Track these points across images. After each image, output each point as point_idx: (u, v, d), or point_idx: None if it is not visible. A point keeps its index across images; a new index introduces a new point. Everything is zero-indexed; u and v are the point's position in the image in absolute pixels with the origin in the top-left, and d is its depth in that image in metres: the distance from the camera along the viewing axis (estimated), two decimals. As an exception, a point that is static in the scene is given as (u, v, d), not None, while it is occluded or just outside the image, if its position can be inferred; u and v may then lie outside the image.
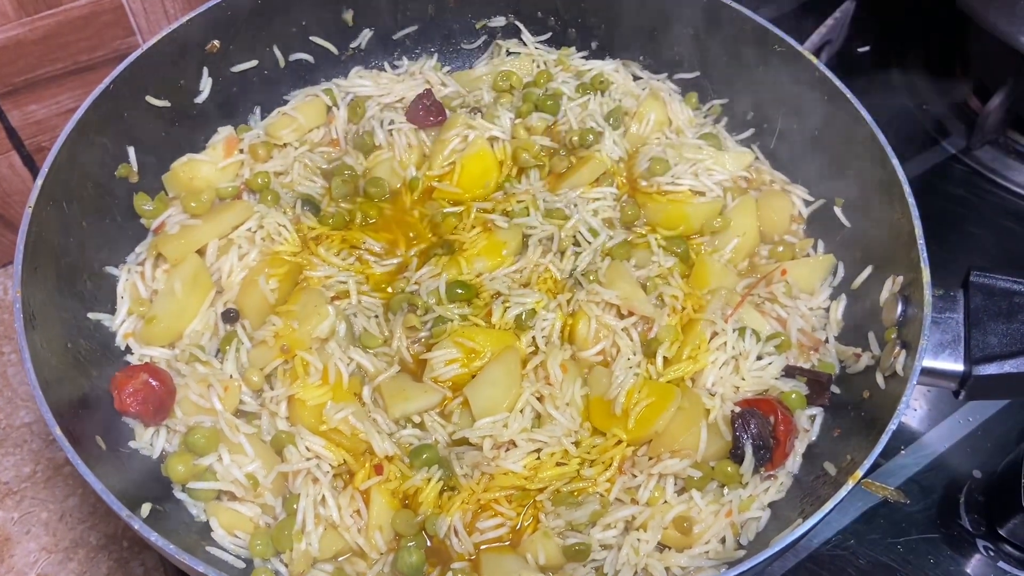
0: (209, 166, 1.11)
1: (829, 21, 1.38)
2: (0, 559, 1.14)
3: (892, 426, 0.81)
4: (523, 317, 1.00)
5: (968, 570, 1.07)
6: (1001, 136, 1.36)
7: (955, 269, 0.93)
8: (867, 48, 1.48)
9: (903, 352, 0.88)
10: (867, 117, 1.00)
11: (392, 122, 1.16)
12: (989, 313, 0.86)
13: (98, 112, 0.99)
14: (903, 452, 1.14)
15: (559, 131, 1.17)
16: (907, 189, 0.94)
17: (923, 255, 0.90)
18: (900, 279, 0.94)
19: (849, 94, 1.02)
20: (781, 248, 1.09)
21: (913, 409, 1.14)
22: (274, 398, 0.94)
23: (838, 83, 1.03)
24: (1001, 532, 1.08)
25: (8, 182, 1.28)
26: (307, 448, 0.91)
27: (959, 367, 0.86)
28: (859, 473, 0.79)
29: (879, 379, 0.91)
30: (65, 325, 0.92)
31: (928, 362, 0.85)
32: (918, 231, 0.91)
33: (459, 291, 1.02)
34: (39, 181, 0.91)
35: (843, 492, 0.78)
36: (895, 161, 0.96)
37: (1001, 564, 1.07)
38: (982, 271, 0.88)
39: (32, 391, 1.21)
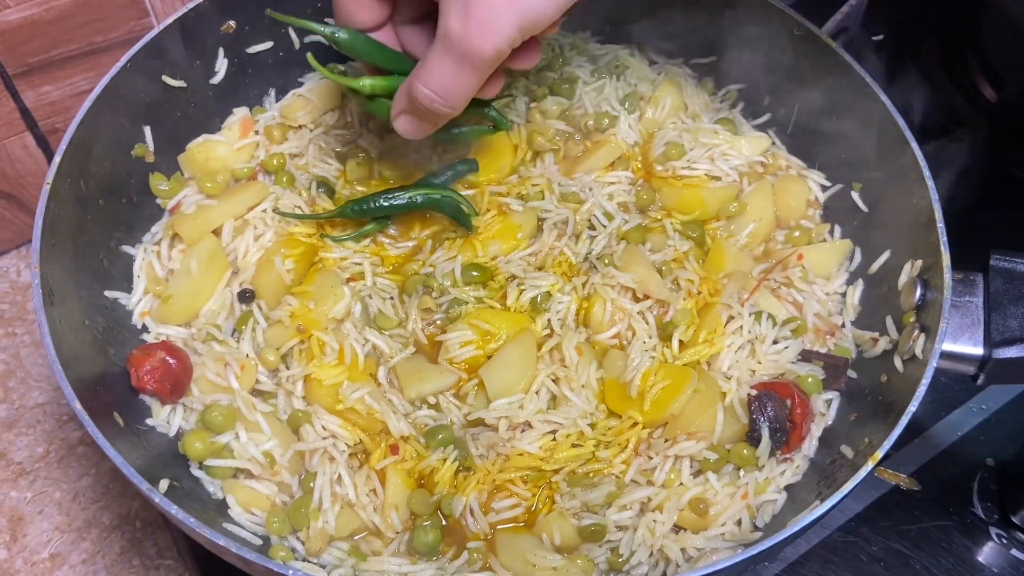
0: (225, 147, 1.11)
1: (844, 8, 1.37)
2: (14, 538, 1.15)
3: (912, 407, 0.81)
4: (538, 300, 1.00)
5: (980, 558, 1.07)
6: (1015, 124, 1.35)
7: (968, 256, 0.92)
8: (882, 36, 1.48)
9: (922, 336, 0.87)
10: (886, 101, 1.00)
11: (407, 105, 1.16)
12: (1009, 296, 0.86)
13: (115, 91, 0.99)
14: (916, 440, 1.14)
15: (574, 115, 1.16)
16: (927, 172, 0.94)
17: (943, 239, 0.89)
18: (919, 263, 0.94)
19: (868, 77, 1.01)
20: (797, 233, 1.08)
21: (923, 397, 1.15)
22: (290, 377, 0.94)
23: (856, 67, 1.03)
24: (1014, 520, 1.08)
25: (22, 163, 1.29)
26: (323, 427, 0.91)
27: (979, 351, 0.86)
28: (879, 455, 0.79)
29: (897, 363, 0.91)
30: (82, 303, 0.93)
31: (947, 346, 0.85)
32: (938, 215, 0.91)
33: (474, 273, 1.02)
34: (57, 158, 0.91)
35: (862, 474, 0.78)
36: (914, 144, 0.96)
37: (1014, 552, 1.07)
38: (1002, 255, 0.87)
39: (51, 368, 1.21)
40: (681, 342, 0.97)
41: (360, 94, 0.95)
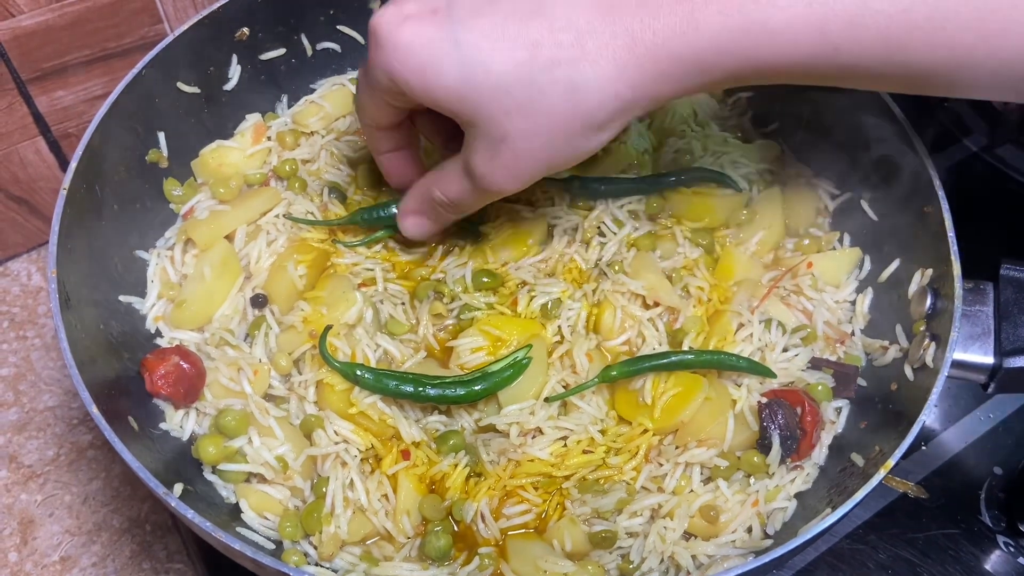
0: (237, 153, 1.11)
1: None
2: (24, 541, 1.15)
3: (924, 416, 0.81)
4: (549, 306, 1.01)
5: (988, 566, 1.07)
6: (1022, 135, 1.36)
7: (978, 265, 0.93)
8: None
9: (933, 344, 0.88)
10: (895, 109, 1.00)
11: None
12: (1020, 306, 0.86)
13: (130, 97, 0.99)
14: (923, 448, 1.14)
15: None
16: (937, 182, 0.94)
17: (953, 248, 0.90)
18: (929, 272, 0.94)
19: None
20: (807, 241, 1.09)
21: (934, 405, 1.15)
22: (302, 382, 0.95)
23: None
24: (1021, 528, 1.08)
25: (34, 167, 1.29)
26: (335, 432, 0.92)
27: (989, 360, 0.86)
28: (891, 463, 0.79)
29: (908, 371, 0.91)
30: (97, 307, 0.93)
31: (958, 355, 0.85)
32: (948, 224, 0.91)
33: (485, 279, 1.02)
34: (73, 163, 0.92)
35: (874, 481, 0.78)
36: (924, 153, 0.96)
37: (1021, 560, 1.07)
38: (1013, 264, 0.88)
39: (63, 372, 1.23)
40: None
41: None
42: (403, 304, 1.03)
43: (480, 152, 0.79)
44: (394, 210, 1.01)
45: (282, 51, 1.15)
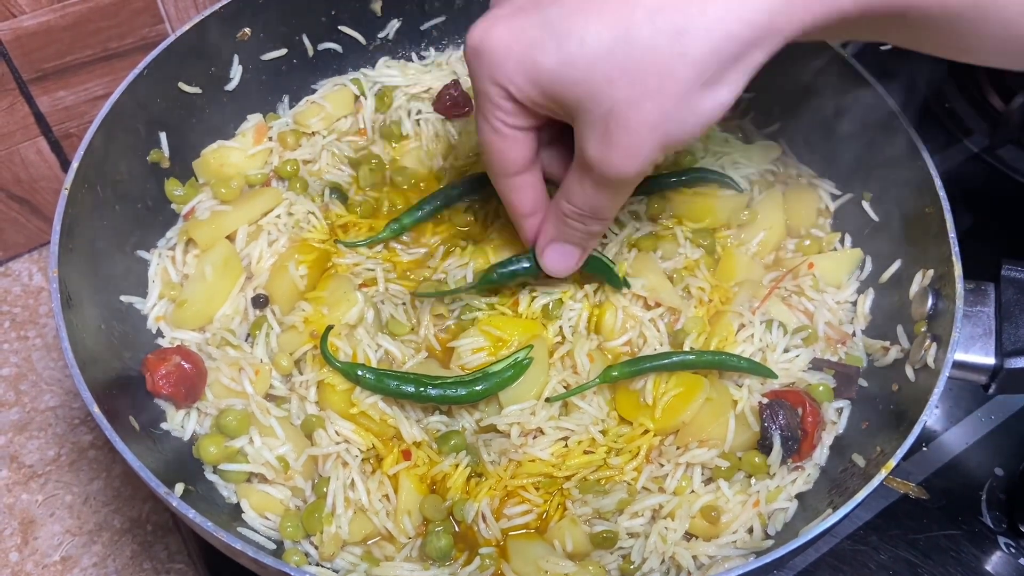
0: (239, 153, 1.11)
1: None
2: (25, 541, 1.15)
3: (925, 417, 0.81)
4: (550, 307, 1.01)
5: (988, 567, 1.07)
6: (1023, 135, 1.36)
7: (979, 266, 0.93)
8: (889, 45, 1.48)
9: (934, 345, 0.88)
10: (896, 110, 1.00)
11: (419, 112, 1.17)
12: (1021, 306, 0.86)
13: (132, 97, 0.99)
14: (924, 449, 1.14)
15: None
16: (938, 182, 0.94)
17: (955, 248, 0.90)
18: (931, 272, 0.94)
19: (879, 87, 1.02)
20: (808, 242, 1.09)
21: (935, 406, 1.15)
22: (303, 382, 0.95)
23: (867, 75, 1.03)
24: (1022, 529, 1.08)
25: (35, 168, 1.29)
26: (336, 432, 0.92)
27: (990, 360, 0.86)
28: (892, 463, 0.79)
29: (909, 372, 0.91)
30: (99, 307, 0.93)
31: (959, 355, 0.85)
32: (949, 224, 0.91)
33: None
34: (75, 163, 0.92)
35: (875, 482, 0.78)
36: (926, 154, 0.96)
37: (1022, 561, 1.07)
38: (1014, 265, 0.88)
39: (64, 372, 1.23)
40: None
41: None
42: (404, 304, 1.03)
43: (590, 138, 0.72)
44: (524, 264, 0.94)
45: (283, 51, 1.15)
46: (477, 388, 0.91)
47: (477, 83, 0.74)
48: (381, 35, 1.23)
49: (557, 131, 0.84)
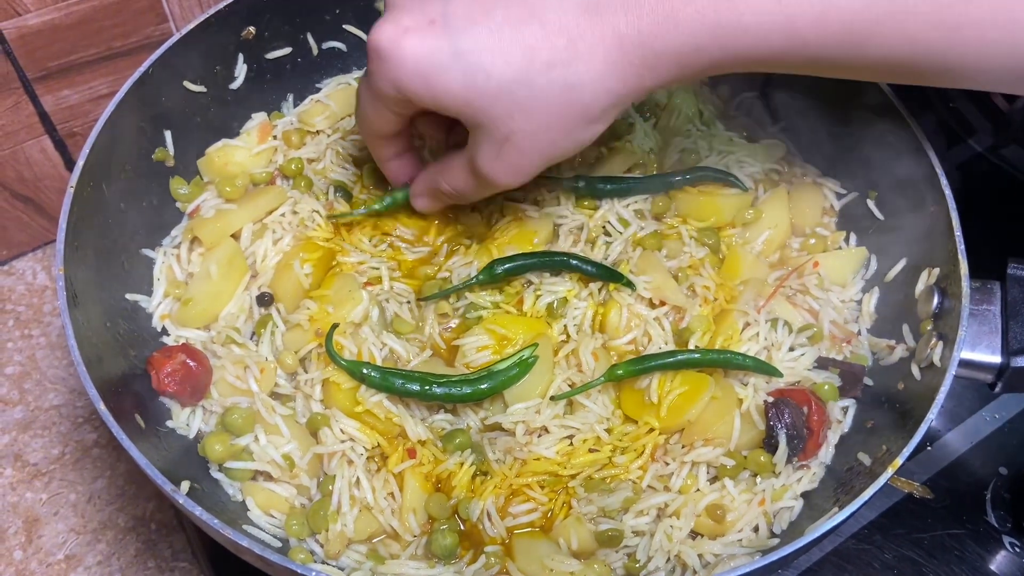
0: (243, 152, 1.11)
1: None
2: (29, 539, 1.15)
3: (931, 415, 0.81)
4: (555, 306, 1.01)
5: (993, 566, 1.07)
6: (1028, 135, 1.36)
7: (984, 264, 0.93)
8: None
9: (940, 344, 0.88)
10: (901, 107, 1.00)
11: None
12: (1027, 305, 0.86)
13: (136, 96, 0.99)
14: (929, 449, 1.14)
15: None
16: (943, 180, 0.94)
17: (960, 247, 0.90)
18: (936, 271, 0.94)
19: (884, 86, 1.02)
20: (813, 241, 1.09)
21: (941, 405, 1.15)
22: (309, 381, 0.95)
23: (873, 76, 1.03)
24: (1028, 528, 1.08)
25: (39, 166, 1.30)
26: (342, 430, 0.92)
27: (996, 359, 0.86)
28: (898, 462, 0.79)
29: (915, 371, 0.91)
30: (104, 305, 0.93)
31: (965, 354, 0.85)
32: (955, 223, 0.91)
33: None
34: (80, 162, 0.92)
35: (881, 481, 0.78)
36: (931, 152, 0.96)
37: (1027, 560, 1.07)
38: (1020, 263, 0.88)
39: (69, 370, 1.23)
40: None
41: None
42: (408, 303, 1.03)
43: (485, 151, 0.84)
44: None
45: (288, 50, 1.16)
46: (482, 386, 0.91)
47: (376, 80, 0.83)
48: (385, 34, 1.23)
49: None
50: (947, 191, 0.94)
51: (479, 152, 0.84)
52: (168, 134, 1.06)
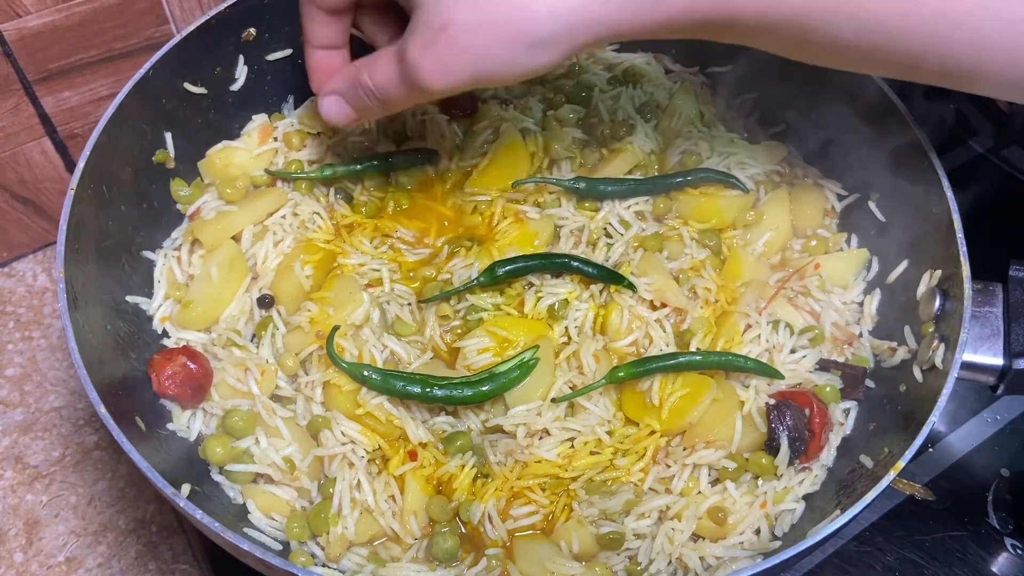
0: (244, 153, 1.11)
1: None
2: (29, 542, 1.15)
3: (934, 417, 0.81)
4: (556, 307, 1.01)
5: (995, 568, 1.07)
6: (1028, 135, 1.36)
7: (986, 266, 0.93)
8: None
9: (942, 346, 0.87)
10: (903, 108, 1.00)
11: (425, 113, 1.17)
12: (1029, 307, 0.86)
13: (137, 97, 0.99)
14: (930, 450, 1.14)
15: (591, 123, 1.17)
16: (945, 182, 0.94)
17: (962, 249, 0.90)
18: (938, 273, 0.94)
19: (885, 87, 1.02)
20: (814, 242, 1.08)
21: (943, 407, 1.15)
22: (309, 383, 0.95)
23: (873, 75, 1.03)
24: (1030, 530, 1.08)
25: (40, 168, 1.29)
26: (343, 433, 0.92)
27: (999, 361, 0.86)
28: (900, 464, 0.79)
29: (916, 373, 0.91)
30: (105, 307, 0.93)
31: (967, 356, 0.85)
32: (957, 224, 0.91)
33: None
34: (80, 164, 0.92)
35: (884, 483, 0.78)
36: (933, 154, 0.96)
37: (1029, 562, 1.07)
38: (1022, 265, 0.88)
39: (69, 372, 1.23)
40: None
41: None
42: (409, 305, 1.03)
43: (417, 37, 0.76)
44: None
45: (288, 51, 1.15)
46: (483, 389, 0.91)
47: None
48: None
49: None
50: (949, 193, 0.94)
51: (411, 38, 0.77)
52: (169, 136, 1.06)
